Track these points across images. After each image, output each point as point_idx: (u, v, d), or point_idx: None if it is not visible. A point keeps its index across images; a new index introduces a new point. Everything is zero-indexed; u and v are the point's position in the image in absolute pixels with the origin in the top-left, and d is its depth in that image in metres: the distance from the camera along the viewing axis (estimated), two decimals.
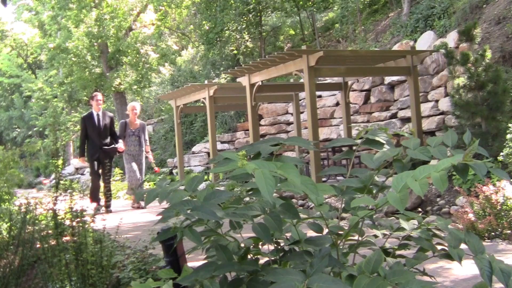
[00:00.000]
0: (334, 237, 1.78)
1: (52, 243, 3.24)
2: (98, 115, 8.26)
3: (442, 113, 9.39)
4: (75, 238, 3.13)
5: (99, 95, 8.46)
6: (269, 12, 17.92)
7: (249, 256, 1.80)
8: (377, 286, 1.44)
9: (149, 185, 13.05)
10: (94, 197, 8.24)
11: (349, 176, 1.92)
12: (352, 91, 11.22)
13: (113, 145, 8.36)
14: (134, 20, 21.59)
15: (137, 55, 19.95)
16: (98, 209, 7.57)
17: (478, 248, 1.65)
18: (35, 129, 27.28)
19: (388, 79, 10.67)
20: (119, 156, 8.86)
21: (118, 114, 21.36)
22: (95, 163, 8.29)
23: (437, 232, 1.91)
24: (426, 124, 9.42)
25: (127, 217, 7.26)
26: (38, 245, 3.45)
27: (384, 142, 1.87)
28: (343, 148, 8.79)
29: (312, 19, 17.17)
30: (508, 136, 6.38)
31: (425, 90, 9.74)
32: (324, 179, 8.81)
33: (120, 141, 8.53)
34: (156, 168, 11.21)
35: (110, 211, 8.23)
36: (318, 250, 1.61)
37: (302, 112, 11.84)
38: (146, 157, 9.12)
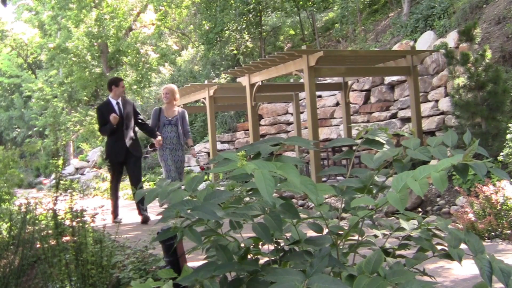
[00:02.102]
0: (334, 237, 1.78)
1: (52, 243, 3.24)
2: (118, 103, 6.49)
3: (442, 113, 9.39)
4: (75, 238, 3.13)
5: (123, 82, 6.75)
6: (269, 12, 17.93)
7: (249, 256, 1.80)
8: (377, 286, 1.44)
9: (149, 185, 13.05)
10: (116, 214, 6.64)
11: (349, 176, 1.92)
12: (352, 91, 11.22)
13: (137, 140, 6.69)
14: (134, 20, 21.61)
15: (137, 55, 19.97)
16: (119, 221, 6.23)
17: (478, 248, 1.65)
18: (35, 129, 27.30)
19: (388, 79, 10.67)
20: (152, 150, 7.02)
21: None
22: (117, 165, 6.52)
23: (437, 232, 1.91)
24: (426, 124, 9.42)
25: (127, 217, 7.26)
26: (38, 245, 3.45)
27: (384, 142, 1.87)
28: (343, 148, 8.79)
29: (312, 19, 17.17)
30: (508, 136, 6.37)
31: (425, 90, 9.74)
32: (324, 179, 8.81)
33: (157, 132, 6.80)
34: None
35: (147, 220, 6.53)
36: (318, 250, 1.61)
37: (302, 112, 11.84)
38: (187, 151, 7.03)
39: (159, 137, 6.55)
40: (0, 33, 31.16)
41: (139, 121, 6.69)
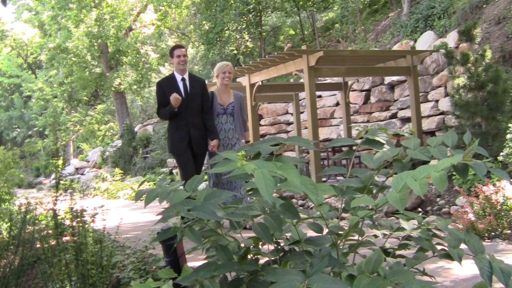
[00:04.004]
0: (334, 237, 1.78)
1: (52, 243, 3.24)
2: (183, 79, 5.07)
3: (442, 113, 9.39)
4: (75, 238, 3.14)
5: (182, 49, 5.13)
6: (269, 12, 17.93)
7: (249, 256, 1.80)
8: (377, 286, 1.44)
9: (149, 185, 13.06)
10: None
11: (349, 176, 1.92)
12: (352, 91, 11.23)
13: (204, 131, 5.13)
14: (134, 20, 21.61)
15: (137, 55, 19.98)
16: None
17: (478, 248, 1.65)
18: (35, 129, 27.32)
19: (388, 79, 10.67)
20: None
21: (118, 114, 21.37)
22: (186, 155, 5.01)
23: (437, 232, 1.91)
24: (426, 124, 9.43)
25: (127, 217, 7.26)
26: (38, 245, 3.45)
27: (384, 142, 1.87)
28: (343, 148, 8.79)
29: (312, 19, 17.17)
30: (508, 136, 6.37)
31: (425, 90, 9.74)
32: (324, 179, 8.81)
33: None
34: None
35: None
36: (318, 250, 1.61)
37: (302, 112, 11.84)
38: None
39: (216, 141, 5.10)
40: (0, 33, 31.15)
41: (204, 107, 5.14)
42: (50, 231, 3.37)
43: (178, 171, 5.24)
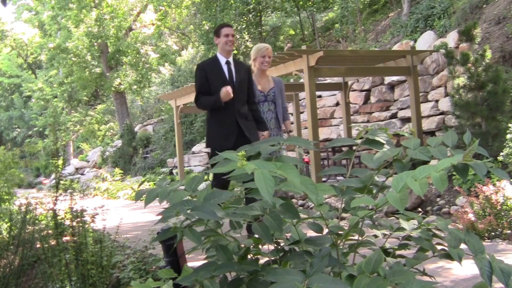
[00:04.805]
0: (334, 237, 1.78)
1: (52, 243, 3.24)
2: (228, 62, 4.39)
3: (442, 113, 9.39)
4: (75, 238, 3.13)
5: (231, 28, 4.44)
6: (269, 12, 17.93)
7: (249, 256, 1.80)
8: (377, 286, 1.44)
9: (149, 185, 13.06)
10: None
11: (349, 176, 1.92)
12: (352, 91, 11.22)
13: (253, 120, 4.47)
14: (134, 20, 21.61)
15: (137, 55, 19.99)
16: None
17: (478, 248, 1.65)
18: (35, 129, 27.32)
19: (388, 79, 10.67)
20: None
21: (118, 114, 21.38)
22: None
23: (437, 232, 1.91)
24: (426, 124, 9.42)
25: (127, 217, 7.26)
26: (38, 245, 3.45)
27: (384, 142, 1.87)
28: (343, 148, 8.79)
29: (312, 19, 17.17)
30: (508, 136, 6.37)
31: (425, 90, 9.74)
32: (324, 179, 8.81)
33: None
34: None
35: None
36: (318, 250, 1.60)
37: (302, 112, 11.84)
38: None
39: (268, 133, 4.56)
40: (0, 33, 31.15)
41: (250, 96, 4.49)
42: (50, 231, 3.36)
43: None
